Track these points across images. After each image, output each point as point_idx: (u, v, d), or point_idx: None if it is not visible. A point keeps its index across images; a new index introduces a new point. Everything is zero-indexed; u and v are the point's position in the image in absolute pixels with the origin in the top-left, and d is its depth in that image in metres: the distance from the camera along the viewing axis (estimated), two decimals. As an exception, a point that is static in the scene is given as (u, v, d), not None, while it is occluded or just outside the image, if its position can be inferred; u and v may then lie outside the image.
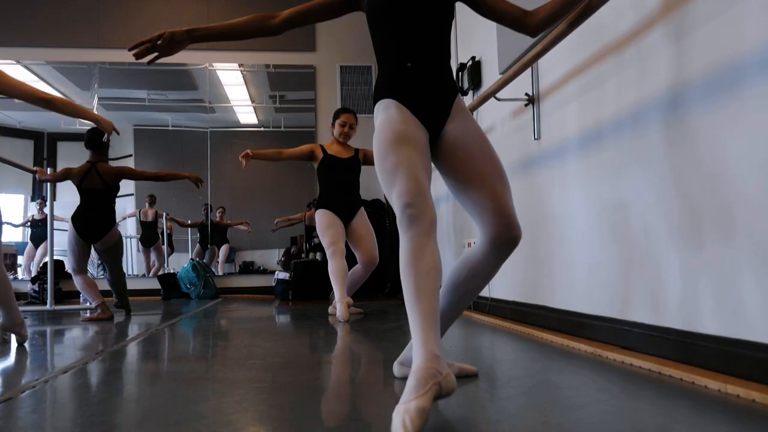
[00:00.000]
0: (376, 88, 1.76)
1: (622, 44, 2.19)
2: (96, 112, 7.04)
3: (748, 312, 1.60)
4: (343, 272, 3.92)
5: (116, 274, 4.60)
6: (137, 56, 1.79)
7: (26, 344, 2.93)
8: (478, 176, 1.64)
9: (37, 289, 6.29)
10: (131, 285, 5.48)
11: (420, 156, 1.56)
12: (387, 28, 1.73)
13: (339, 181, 4.20)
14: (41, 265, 6.87)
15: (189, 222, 7.67)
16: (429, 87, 1.70)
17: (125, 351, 2.70)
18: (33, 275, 6.78)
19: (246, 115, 8.15)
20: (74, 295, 6.51)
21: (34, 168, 4.71)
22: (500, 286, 3.45)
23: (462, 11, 4.28)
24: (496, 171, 1.65)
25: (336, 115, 4.20)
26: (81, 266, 4.37)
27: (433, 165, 1.75)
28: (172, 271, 7.17)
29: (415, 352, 1.34)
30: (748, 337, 1.59)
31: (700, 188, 1.78)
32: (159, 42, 1.79)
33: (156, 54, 1.83)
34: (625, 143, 2.18)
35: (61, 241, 4.97)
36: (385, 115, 1.67)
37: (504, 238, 1.62)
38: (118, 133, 3.29)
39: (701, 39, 1.77)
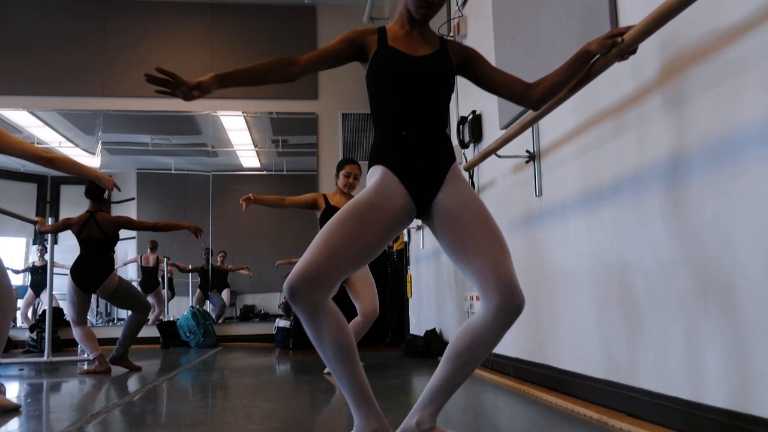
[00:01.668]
0: (371, 152, 1.76)
1: (623, 107, 2.20)
2: (98, 168, 7.06)
3: (756, 385, 1.56)
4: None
5: (134, 318, 4.46)
6: (150, 80, 1.63)
7: (16, 401, 2.83)
8: (476, 245, 1.62)
9: (35, 337, 6.23)
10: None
11: (372, 235, 1.60)
12: (385, 95, 1.74)
13: (340, 233, 4.17)
14: (40, 313, 6.82)
15: (190, 267, 7.65)
16: (422, 156, 1.70)
17: (120, 412, 2.64)
18: (32, 323, 6.71)
19: (248, 159, 8.21)
20: (73, 344, 6.43)
21: (35, 219, 4.71)
22: (503, 343, 3.39)
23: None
24: (494, 238, 1.63)
25: (340, 166, 4.19)
26: (81, 317, 4.33)
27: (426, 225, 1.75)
28: (171, 319, 7.10)
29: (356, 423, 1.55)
30: (757, 413, 1.55)
31: (704, 256, 1.76)
32: (188, 90, 1.65)
33: (169, 90, 1.66)
34: (626, 204, 2.17)
35: (61, 285, 4.93)
36: (371, 182, 1.69)
37: (506, 306, 1.60)
38: (119, 190, 3.30)
39: (701, 107, 1.78)
